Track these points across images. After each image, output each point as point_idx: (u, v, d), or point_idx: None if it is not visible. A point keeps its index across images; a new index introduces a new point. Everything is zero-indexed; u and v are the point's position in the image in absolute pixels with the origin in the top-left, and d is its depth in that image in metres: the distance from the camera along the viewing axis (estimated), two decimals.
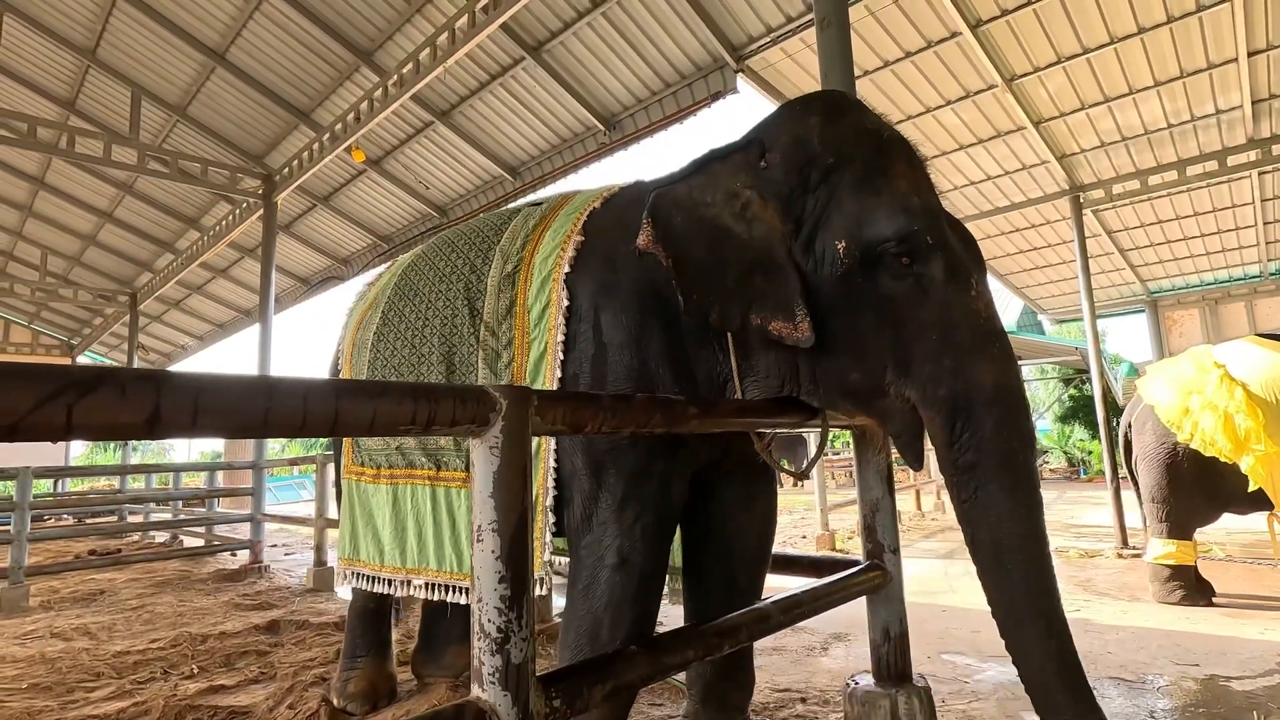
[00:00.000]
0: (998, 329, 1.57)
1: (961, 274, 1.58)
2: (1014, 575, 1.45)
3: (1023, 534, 1.45)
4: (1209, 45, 6.02)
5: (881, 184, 1.63)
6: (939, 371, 1.53)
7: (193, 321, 16.00)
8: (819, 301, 1.65)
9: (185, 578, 6.57)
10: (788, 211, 1.69)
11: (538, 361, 1.99)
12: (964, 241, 1.67)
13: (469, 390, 1.13)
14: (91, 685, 3.33)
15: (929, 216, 1.61)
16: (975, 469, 1.49)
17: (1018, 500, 1.46)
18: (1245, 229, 9.63)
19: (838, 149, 1.69)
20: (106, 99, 8.86)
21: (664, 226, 1.77)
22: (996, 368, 1.51)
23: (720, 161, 1.82)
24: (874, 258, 1.59)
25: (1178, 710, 2.67)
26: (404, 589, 2.36)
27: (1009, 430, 1.48)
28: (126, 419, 0.80)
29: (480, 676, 1.11)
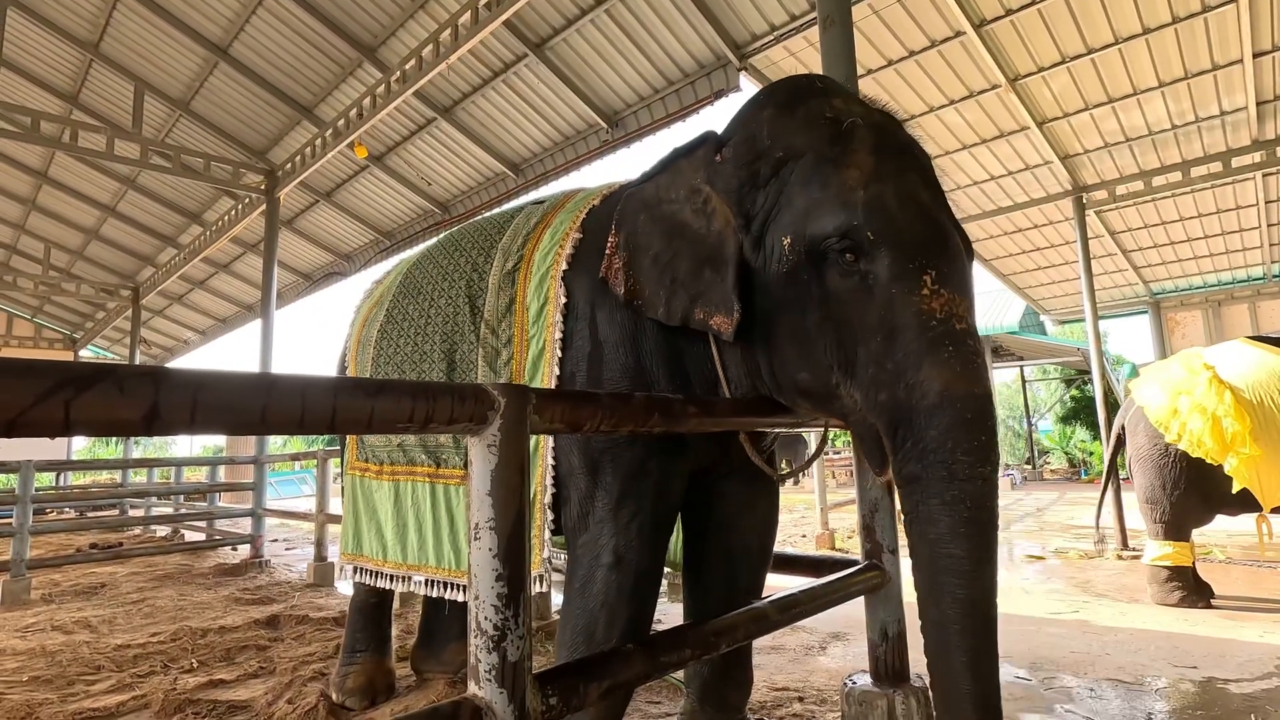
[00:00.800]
0: (956, 330, 1.41)
1: (911, 271, 1.44)
2: (945, 602, 1.33)
3: (961, 557, 1.32)
4: (1214, 46, 6.01)
5: (829, 176, 1.54)
6: (881, 376, 1.44)
7: (195, 316, 16.03)
8: (768, 298, 1.61)
9: (186, 572, 6.59)
10: (739, 207, 1.66)
11: (536, 359, 1.99)
12: (932, 234, 1.49)
13: (467, 389, 1.13)
14: (92, 678, 3.34)
15: (872, 209, 1.47)
16: (918, 481, 1.38)
17: (959, 518, 1.32)
18: (1249, 230, 9.62)
19: (788, 142, 1.62)
20: (109, 93, 8.87)
21: (629, 227, 1.80)
22: (945, 373, 1.37)
23: (685, 158, 1.81)
24: (818, 254, 1.51)
25: (1175, 713, 2.67)
26: (404, 584, 2.37)
27: (954, 441, 1.34)
28: (125, 415, 0.80)
29: (477, 673, 1.11)
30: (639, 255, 1.77)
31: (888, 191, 1.50)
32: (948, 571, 1.32)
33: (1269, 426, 3.86)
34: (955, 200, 8.95)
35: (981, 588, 1.32)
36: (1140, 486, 4.38)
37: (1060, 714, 2.66)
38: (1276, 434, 3.85)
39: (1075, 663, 3.25)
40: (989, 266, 11.20)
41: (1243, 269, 11.07)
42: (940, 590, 1.33)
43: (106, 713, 2.87)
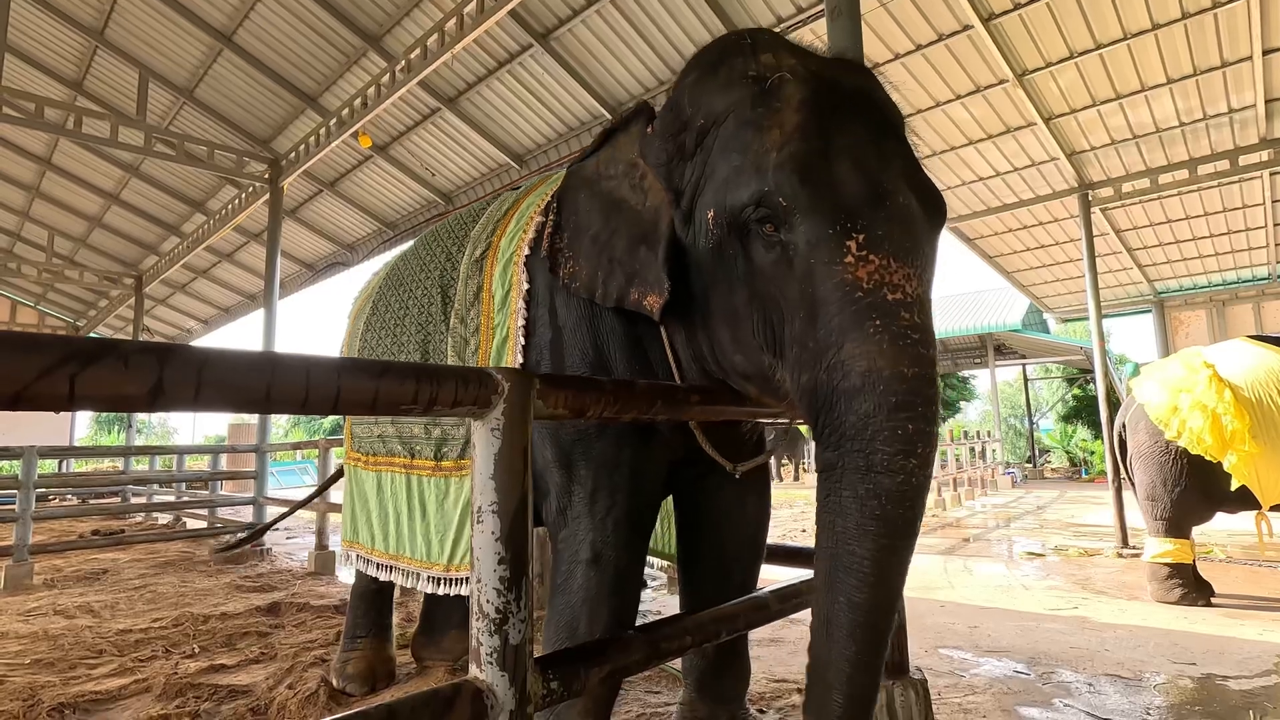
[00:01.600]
0: (886, 301, 1.22)
1: (831, 237, 1.26)
2: (837, 602, 1.19)
3: (864, 558, 1.17)
4: (1224, 42, 5.96)
5: (749, 140, 1.39)
6: (804, 356, 1.30)
7: (198, 305, 16.04)
8: (700, 276, 1.52)
9: (188, 559, 6.62)
10: (669, 181, 1.57)
11: (500, 347, 1.97)
12: (865, 192, 1.30)
13: (471, 372, 1.13)
14: (94, 662, 3.36)
15: (785, 172, 1.30)
16: (833, 470, 1.23)
17: (869, 515, 1.17)
18: (1255, 230, 9.57)
19: (709, 108, 1.50)
20: (114, 80, 8.86)
21: (570, 206, 1.75)
22: (869, 349, 1.20)
23: (623, 132, 1.75)
24: (740, 227, 1.39)
25: (1174, 708, 2.67)
26: (388, 574, 2.40)
27: (875, 428, 1.18)
28: (129, 390, 0.80)
29: (478, 656, 1.12)
30: (579, 235, 1.71)
31: (807, 149, 1.33)
32: (847, 570, 1.19)
33: (1268, 424, 3.88)
34: (960, 196, 8.91)
35: (881, 596, 1.18)
36: (1141, 484, 4.39)
37: (1059, 708, 2.66)
38: (1275, 432, 3.86)
39: (1074, 658, 3.26)
40: (993, 263, 11.16)
41: (1248, 269, 11.03)
42: (835, 588, 1.20)
43: (108, 695, 2.89)
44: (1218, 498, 4.15)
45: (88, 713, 2.73)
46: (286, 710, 2.66)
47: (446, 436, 2.15)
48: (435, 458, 2.18)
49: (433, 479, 2.20)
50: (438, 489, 2.18)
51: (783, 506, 10.57)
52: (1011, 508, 10.35)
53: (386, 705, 1.03)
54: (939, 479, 10.70)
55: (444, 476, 2.15)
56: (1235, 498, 4.03)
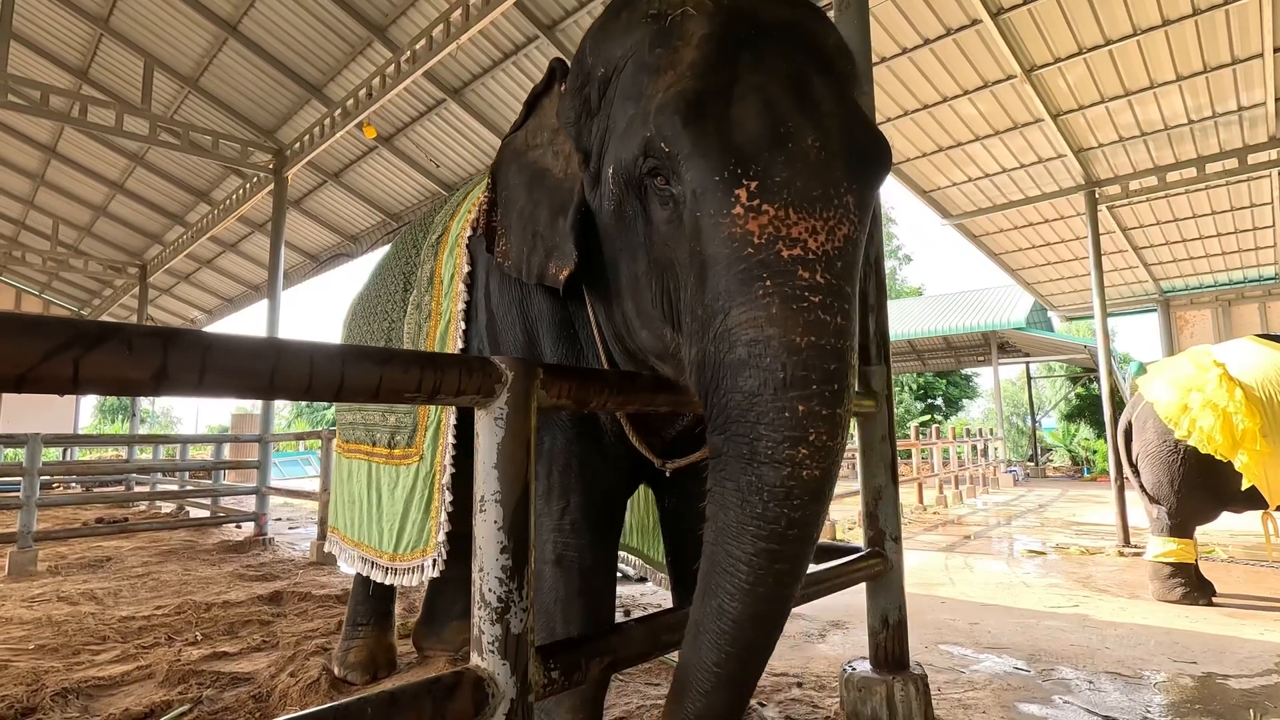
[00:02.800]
0: (780, 258, 1.04)
1: (717, 185, 1.09)
2: (710, 606, 1.08)
3: (741, 561, 1.03)
4: (1234, 39, 5.92)
5: (645, 84, 1.23)
6: (694, 327, 1.13)
7: (202, 295, 16.07)
8: (608, 244, 1.39)
9: (190, 547, 6.64)
10: (578, 141, 1.44)
11: (443, 334, 1.94)
12: (763, 130, 1.11)
13: (475, 361, 1.13)
14: (97, 648, 3.38)
15: (666, 113, 1.13)
16: (719, 457, 1.08)
17: (749, 512, 1.02)
18: (1263, 229, 9.51)
19: (608, 55, 1.34)
20: (119, 69, 8.85)
21: (502, 181, 1.66)
22: (757, 315, 1.02)
23: (545, 95, 1.64)
24: (636, 184, 1.24)
25: (1174, 707, 2.67)
26: (352, 562, 2.43)
27: (759, 409, 1.01)
28: (133, 374, 0.80)
29: (480, 645, 1.12)
30: (509, 211, 1.62)
31: (697, 87, 1.14)
32: (722, 573, 1.05)
33: (1278, 424, 3.85)
34: (966, 193, 8.87)
35: (758, 608, 1.04)
36: (1147, 483, 4.38)
37: (1058, 705, 2.66)
38: None
39: (1074, 655, 3.26)
40: (998, 260, 11.12)
41: (1254, 268, 10.97)
42: (709, 590, 1.08)
43: (111, 681, 2.91)
44: (1224, 498, 4.14)
45: (91, 698, 2.75)
46: (288, 698, 2.67)
47: (400, 424, 2.14)
48: (389, 445, 2.18)
49: (386, 467, 2.21)
50: (389, 477, 2.18)
51: None
52: (1013, 506, 10.34)
53: (388, 692, 1.03)
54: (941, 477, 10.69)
55: (395, 464, 2.14)
56: (1242, 497, 4.02)
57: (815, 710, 2.55)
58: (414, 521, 2.03)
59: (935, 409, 26.45)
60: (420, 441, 2.02)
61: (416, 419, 2.06)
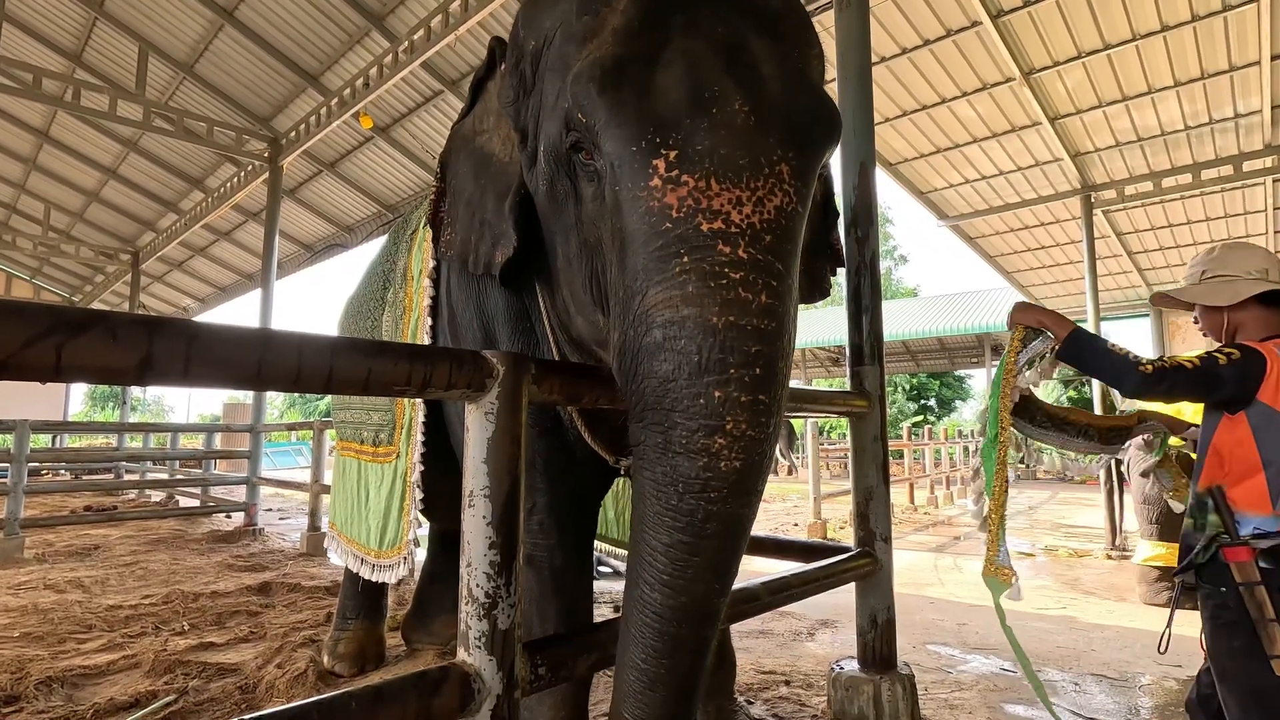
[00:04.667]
0: (699, 232, 0.96)
1: (633, 155, 1.02)
2: (632, 599, 1.03)
3: (659, 552, 0.98)
4: (1232, 46, 5.93)
5: (572, 55, 1.16)
6: (615, 309, 1.07)
7: (194, 283, 15.97)
8: (545, 227, 1.33)
9: (179, 537, 6.61)
10: (516, 121, 1.38)
11: (414, 330, 1.94)
12: (685, 95, 1.02)
13: (466, 354, 1.12)
14: (83, 637, 3.36)
15: (582, 81, 1.07)
16: (638, 447, 1.02)
17: (664, 504, 0.96)
18: (1256, 237, 9.56)
19: (539, 26, 1.27)
20: (113, 53, 8.75)
21: (451, 169, 1.62)
22: (673, 294, 0.96)
23: (489, 79, 1.59)
24: (566, 160, 1.18)
25: (1159, 709, 2.69)
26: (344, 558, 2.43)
27: (674, 396, 0.94)
28: (117, 363, 0.79)
29: (467, 640, 1.11)
30: (456, 199, 1.58)
31: (615, 54, 1.07)
32: (643, 564, 1.00)
33: None
34: (962, 195, 8.88)
35: (679, 597, 0.98)
36: (1138, 486, 4.39)
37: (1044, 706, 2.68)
38: None
39: (1061, 657, 3.28)
40: (993, 263, 11.14)
41: None
42: (631, 580, 1.04)
43: (97, 670, 2.89)
44: None
45: (76, 687, 2.73)
46: (275, 689, 2.66)
47: (382, 422, 2.14)
48: (374, 443, 2.19)
49: (373, 465, 2.22)
50: (376, 475, 2.19)
51: (774, 500, 10.61)
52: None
53: (374, 686, 1.03)
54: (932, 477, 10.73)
55: (380, 462, 2.15)
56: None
57: (802, 708, 2.56)
58: (393, 519, 2.05)
59: (928, 410, 26.55)
60: (398, 439, 2.03)
61: (394, 417, 2.07)
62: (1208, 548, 1.48)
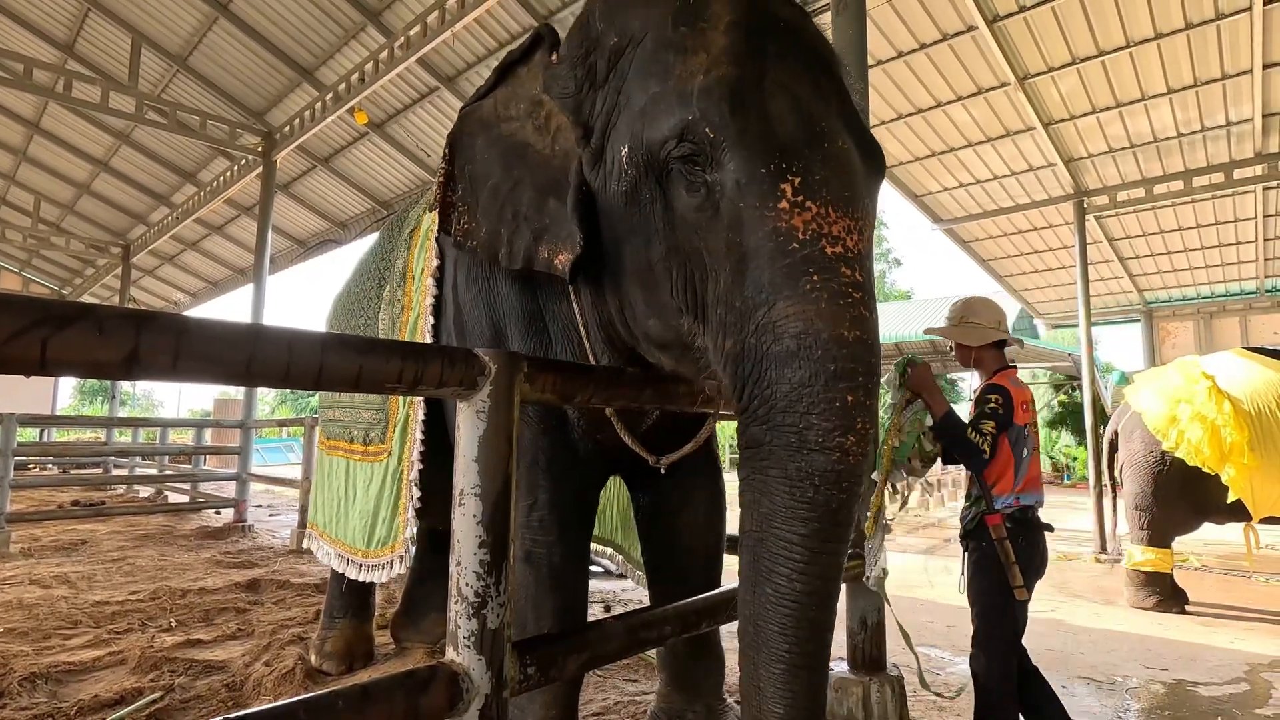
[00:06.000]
0: (824, 254, 1.07)
1: (764, 177, 1.09)
2: (764, 594, 1.06)
3: (795, 542, 1.03)
4: (1225, 55, 5.98)
5: (673, 62, 1.19)
6: (730, 317, 1.13)
7: (186, 278, 15.87)
8: (611, 227, 1.32)
9: (168, 533, 6.56)
10: (577, 114, 1.35)
11: (413, 327, 1.93)
12: (800, 127, 1.13)
13: (458, 352, 1.12)
14: (68, 633, 3.33)
15: (712, 98, 1.12)
16: (760, 447, 1.08)
17: (798, 496, 1.03)
18: (1246, 244, 9.64)
19: (624, 25, 1.29)
20: (106, 44, 8.69)
21: (465, 153, 1.55)
22: (805, 308, 1.04)
23: (522, 63, 1.54)
24: (660, 166, 1.20)
25: (1145, 712, 2.71)
26: (329, 559, 2.41)
27: (810, 400, 1.02)
28: (103, 357, 0.78)
29: (456, 640, 1.11)
30: (476, 187, 1.52)
31: (740, 75, 1.14)
32: (775, 558, 1.04)
33: (1266, 438, 3.84)
34: (956, 198, 8.92)
35: (816, 586, 1.04)
36: (1130, 493, 4.40)
37: None
38: (1273, 445, 3.82)
39: (1049, 660, 3.29)
40: (986, 267, 11.20)
41: (1236, 282, 11.12)
42: (762, 578, 1.06)
43: (82, 667, 2.86)
44: (1207, 509, 4.14)
45: (60, 683, 2.70)
46: (262, 687, 2.64)
47: (373, 421, 2.12)
48: (364, 442, 2.17)
49: (361, 464, 2.20)
50: (364, 474, 2.17)
51: None
52: None
53: (361, 685, 1.02)
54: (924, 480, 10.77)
55: (369, 461, 2.13)
56: (1226, 509, 4.01)
57: None
58: (383, 519, 2.02)
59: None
60: (390, 438, 2.01)
61: (387, 415, 2.05)
62: (975, 518, 2.11)
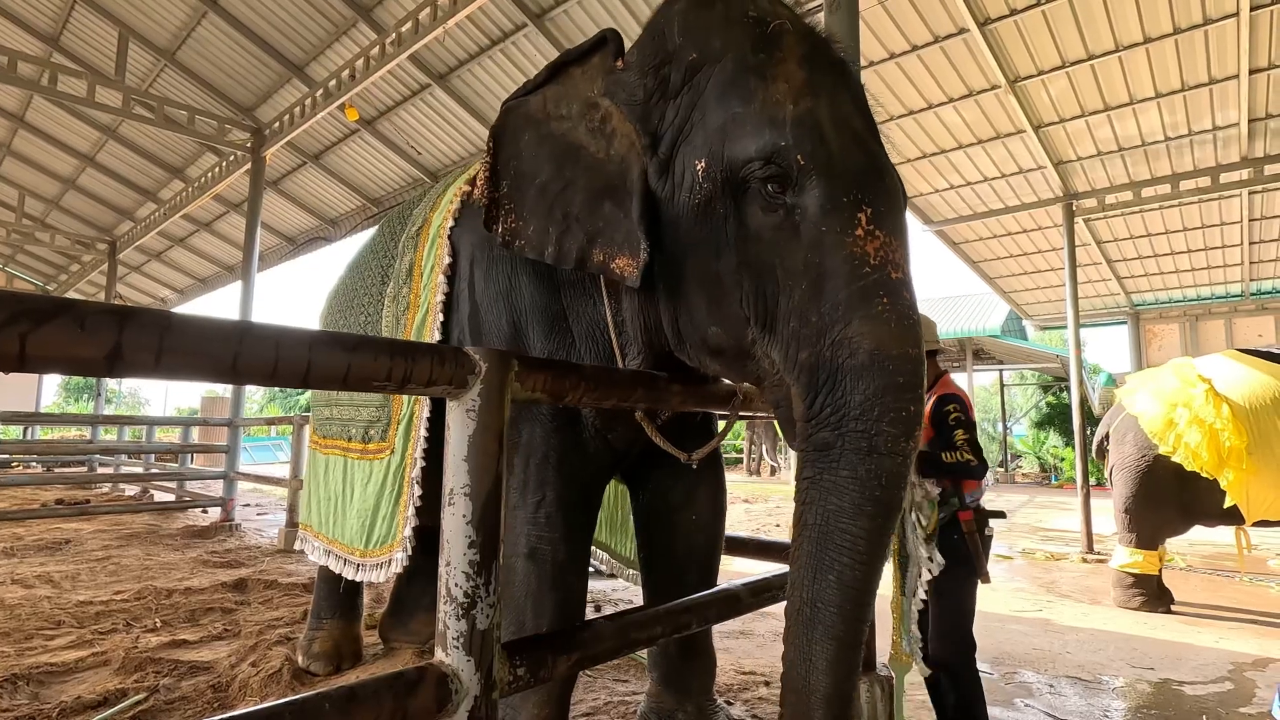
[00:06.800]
0: (891, 280, 1.20)
1: (845, 206, 1.22)
2: (826, 580, 1.15)
3: (860, 536, 1.14)
4: (1212, 60, 6.04)
5: (755, 87, 1.28)
6: (804, 330, 1.22)
7: (173, 274, 15.71)
8: (675, 236, 1.36)
9: (154, 532, 6.49)
10: (645, 124, 1.39)
11: (420, 325, 1.92)
12: (868, 164, 1.28)
13: (448, 350, 1.11)
14: (51, 633, 3.29)
15: (804, 128, 1.24)
16: (830, 450, 1.18)
17: (866, 495, 1.14)
18: (1231, 247, 9.75)
19: (704, 43, 1.35)
20: (92, 37, 8.58)
21: (511, 148, 1.54)
22: (877, 328, 1.17)
23: (578, 64, 1.54)
24: (738, 183, 1.28)
25: (1131, 711, 2.73)
26: (325, 558, 2.38)
27: (882, 409, 1.14)
28: (85, 353, 0.77)
29: (445, 640, 1.10)
30: (523, 183, 1.52)
31: (821, 110, 1.27)
32: (840, 549, 1.14)
33: (1263, 442, 3.82)
34: (947, 200, 8.97)
35: (872, 574, 1.16)
36: (1120, 495, 4.40)
37: (1019, 708, 2.70)
38: (1270, 449, 3.81)
39: (1036, 659, 3.31)
40: (976, 268, 11.27)
41: (1221, 285, 11.24)
42: (824, 566, 1.15)
43: (65, 668, 2.83)
44: (1197, 512, 4.14)
45: (42, 685, 2.67)
46: (248, 688, 2.62)
47: (374, 418, 2.11)
48: (363, 440, 2.15)
49: (360, 462, 2.18)
50: (363, 472, 2.15)
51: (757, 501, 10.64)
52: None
53: (348, 687, 1.01)
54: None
55: (368, 460, 2.12)
56: (1216, 513, 4.01)
57: None
58: (384, 516, 2.00)
59: None
60: (393, 435, 1.99)
61: (390, 413, 2.03)
62: (948, 515, 2.22)
